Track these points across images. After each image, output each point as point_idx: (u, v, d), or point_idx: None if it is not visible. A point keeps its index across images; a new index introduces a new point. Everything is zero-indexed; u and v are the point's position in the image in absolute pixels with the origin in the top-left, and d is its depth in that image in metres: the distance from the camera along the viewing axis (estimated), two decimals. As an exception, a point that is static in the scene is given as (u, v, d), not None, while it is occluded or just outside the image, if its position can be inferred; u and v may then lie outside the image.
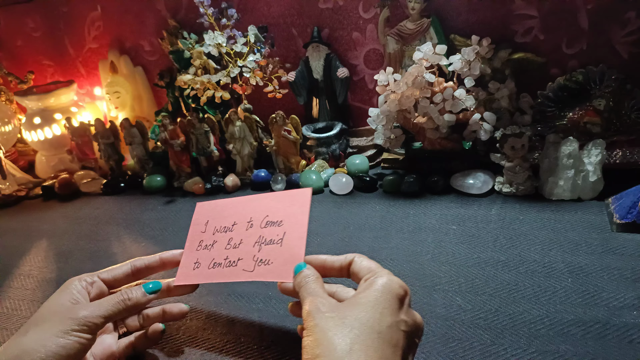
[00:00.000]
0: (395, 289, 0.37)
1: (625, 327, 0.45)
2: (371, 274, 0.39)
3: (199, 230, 0.52)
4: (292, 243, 0.45)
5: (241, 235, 0.49)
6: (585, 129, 0.72)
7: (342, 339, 0.33)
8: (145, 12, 1.03)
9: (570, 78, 0.71)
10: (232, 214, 0.51)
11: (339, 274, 0.43)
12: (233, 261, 0.48)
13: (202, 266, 0.49)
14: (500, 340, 0.45)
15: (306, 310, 0.37)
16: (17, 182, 1.01)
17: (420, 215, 0.70)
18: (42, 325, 0.40)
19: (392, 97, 0.77)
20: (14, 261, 0.74)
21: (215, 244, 0.50)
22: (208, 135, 0.90)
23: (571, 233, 0.60)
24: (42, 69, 1.21)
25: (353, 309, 0.35)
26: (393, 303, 0.36)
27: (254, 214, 0.50)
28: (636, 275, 0.51)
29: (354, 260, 0.42)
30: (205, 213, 0.54)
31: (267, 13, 0.94)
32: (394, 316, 0.35)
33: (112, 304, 0.43)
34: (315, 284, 0.40)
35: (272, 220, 0.48)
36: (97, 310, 0.42)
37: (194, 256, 0.51)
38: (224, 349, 0.49)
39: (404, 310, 0.36)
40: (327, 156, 0.88)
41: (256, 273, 0.46)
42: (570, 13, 0.75)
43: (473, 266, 0.57)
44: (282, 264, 0.44)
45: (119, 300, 0.44)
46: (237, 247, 0.48)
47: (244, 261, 0.47)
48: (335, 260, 0.43)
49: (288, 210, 0.48)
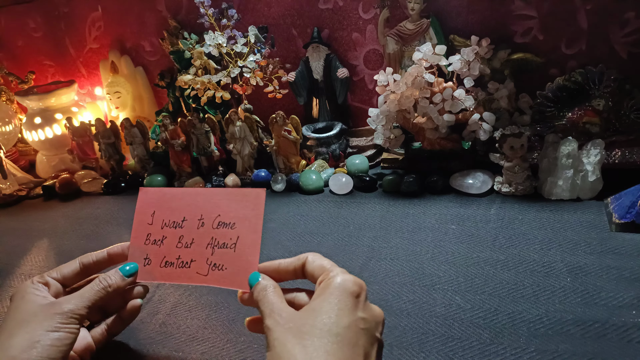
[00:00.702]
0: (349, 288, 0.36)
1: (624, 326, 0.45)
2: (325, 275, 0.39)
3: (145, 222, 0.49)
4: (246, 250, 0.45)
5: (192, 234, 0.48)
6: (584, 129, 0.73)
7: (301, 350, 0.33)
8: (146, 12, 1.04)
9: (570, 78, 0.72)
10: (181, 207, 0.49)
11: (295, 276, 0.43)
12: (186, 262, 0.47)
13: (153, 263, 0.48)
14: (499, 339, 0.45)
15: (266, 326, 0.37)
16: (18, 182, 1.01)
17: (419, 215, 0.70)
18: (27, 327, 0.40)
19: (391, 97, 0.77)
20: (15, 261, 0.74)
21: (165, 239, 0.48)
22: (208, 135, 0.90)
23: (570, 233, 0.61)
24: (42, 69, 1.21)
25: (309, 316, 0.35)
26: (348, 302, 0.36)
27: (204, 211, 0.48)
28: (635, 275, 0.51)
29: (307, 261, 0.41)
30: (151, 202, 0.50)
31: (267, 13, 0.94)
32: (350, 316, 0.35)
33: (94, 292, 0.44)
34: (274, 295, 0.39)
35: (225, 221, 0.47)
36: (80, 301, 0.42)
37: (143, 251, 0.48)
38: (224, 348, 0.49)
39: (360, 307, 0.36)
40: (327, 156, 0.88)
41: (210, 278, 0.45)
42: (570, 13, 0.75)
43: (472, 265, 0.57)
44: (236, 272, 0.44)
45: (100, 288, 0.44)
46: (189, 247, 0.47)
47: (197, 263, 0.46)
48: (289, 263, 0.42)
49: (241, 212, 0.46)
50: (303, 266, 0.41)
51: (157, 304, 0.58)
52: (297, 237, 0.69)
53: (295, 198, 0.82)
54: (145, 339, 0.52)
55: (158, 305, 0.58)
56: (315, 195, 0.82)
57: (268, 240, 0.69)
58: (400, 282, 0.56)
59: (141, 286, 0.50)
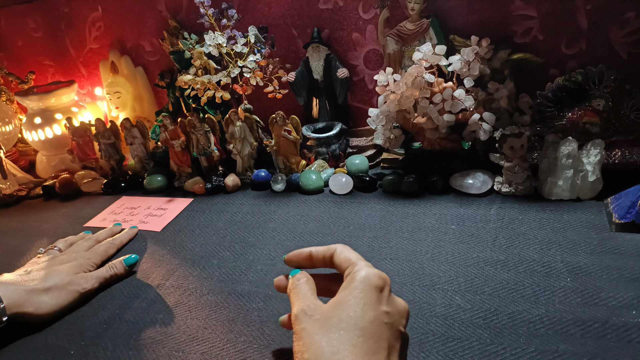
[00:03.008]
0: (373, 282, 0.38)
1: (624, 326, 0.45)
2: (350, 268, 0.40)
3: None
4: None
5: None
6: (584, 129, 0.73)
7: (328, 342, 0.34)
8: (146, 12, 1.04)
9: (570, 78, 0.72)
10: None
11: (324, 265, 0.44)
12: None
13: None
14: (499, 339, 0.45)
15: (294, 314, 0.39)
16: (17, 182, 1.01)
17: (419, 215, 0.70)
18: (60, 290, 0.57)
19: (391, 97, 0.77)
20: (15, 261, 0.74)
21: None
22: (208, 135, 0.90)
23: (570, 233, 0.61)
24: (43, 69, 1.21)
25: (336, 309, 0.37)
26: (373, 296, 0.37)
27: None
28: (635, 275, 0.51)
29: (335, 252, 0.43)
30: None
31: (267, 13, 0.94)
32: (375, 310, 0.36)
33: (105, 278, 0.62)
34: (305, 286, 0.42)
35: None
36: (95, 282, 0.61)
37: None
38: (224, 349, 0.49)
39: (384, 301, 0.37)
40: (327, 156, 0.88)
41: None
42: (570, 13, 0.75)
43: (472, 266, 0.57)
44: None
45: (109, 275, 0.62)
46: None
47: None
48: (319, 252, 0.44)
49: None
50: (331, 257, 0.43)
51: (157, 304, 0.58)
52: (297, 237, 0.69)
53: (295, 198, 0.82)
54: (145, 339, 0.52)
55: (158, 305, 0.58)
56: (315, 195, 0.82)
57: (268, 240, 0.69)
58: (400, 282, 0.56)
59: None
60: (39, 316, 0.54)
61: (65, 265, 0.60)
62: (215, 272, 0.63)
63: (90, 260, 0.64)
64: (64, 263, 0.61)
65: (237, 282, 0.60)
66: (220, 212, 0.81)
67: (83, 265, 0.62)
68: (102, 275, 0.62)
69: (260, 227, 0.74)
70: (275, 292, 0.57)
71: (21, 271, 0.59)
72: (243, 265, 0.64)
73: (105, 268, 0.63)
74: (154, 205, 0.87)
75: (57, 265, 0.61)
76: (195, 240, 0.73)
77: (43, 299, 0.55)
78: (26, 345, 0.54)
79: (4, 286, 0.53)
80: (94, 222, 0.84)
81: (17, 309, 0.52)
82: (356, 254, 0.42)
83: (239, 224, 0.75)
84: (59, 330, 0.55)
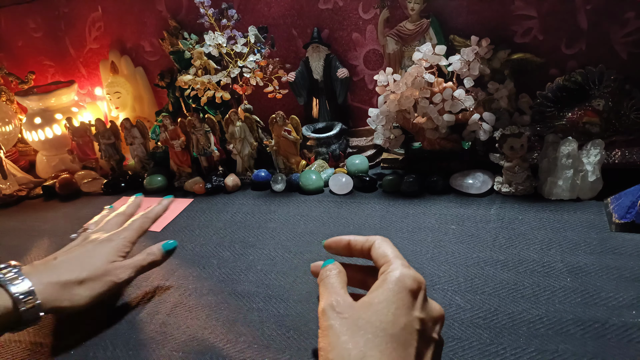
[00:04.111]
0: (408, 284, 0.36)
1: (624, 326, 0.45)
2: (386, 266, 0.38)
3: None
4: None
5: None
6: (584, 129, 0.73)
7: (355, 345, 0.33)
8: (146, 12, 1.04)
9: (570, 78, 0.72)
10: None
11: (362, 256, 0.43)
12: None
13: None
14: (499, 339, 0.45)
15: (321, 308, 0.37)
16: (17, 182, 1.01)
17: (419, 215, 0.70)
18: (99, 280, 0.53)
19: (391, 97, 0.77)
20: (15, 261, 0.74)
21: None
22: (208, 135, 0.90)
23: (570, 233, 0.61)
24: (43, 69, 1.21)
25: (366, 310, 0.35)
26: (406, 300, 0.35)
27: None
28: (635, 275, 0.51)
29: (374, 246, 0.41)
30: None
31: (267, 14, 0.94)
32: (407, 315, 0.34)
33: (142, 266, 0.57)
34: (336, 279, 0.40)
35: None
36: (132, 272, 0.55)
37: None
38: (224, 349, 0.49)
39: (417, 305, 0.35)
40: (327, 156, 0.88)
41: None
42: (570, 13, 0.75)
43: (472, 266, 0.57)
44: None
45: (146, 263, 0.57)
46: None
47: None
48: (357, 241, 0.43)
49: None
50: (369, 250, 0.42)
51: (157, 304, 0.58)
52: (297, 237, 0.69)
53: (295, 198, 0.82)
54: (145, 339, 0.52)
55: (158, 305, 0.58)
56: (315, 195, 0.82)
57: (268, 240, 0.69)
58: (400, 282, 0.56)
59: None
60: (74, 308, 0.51)
61: (100, 250, 0.55)
62: (215, 272, 0.63)
63: (125, 240, 0.57)
64: (97, 246, 0.56)
65: (237, 282, 0.60)
66: (220, 212, 0.81)
67: (119, 247, 0.56)
68: (138, 263, 0.56)
69: (260, 227, 0.74)
70: (275, 292, 0.57)
71: (52, 259, 0.54)
72: (243, 266, 0.64)
73: (143, 255, 0.57)
74: (154, 205, 0.87)
75: (91, 250, 0.55)
76: (195, 241, 0.73)
77: (78, 291, 0.51)
78: (26, 345, 0.54)
79: (37, 279, 0.49)
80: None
81: (52, 304, 0.49)
82: (394, 249, 0.40)
83: (239, 224, 0.75)
84: (59, 330, 0.55)
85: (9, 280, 0.47)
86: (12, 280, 0.47)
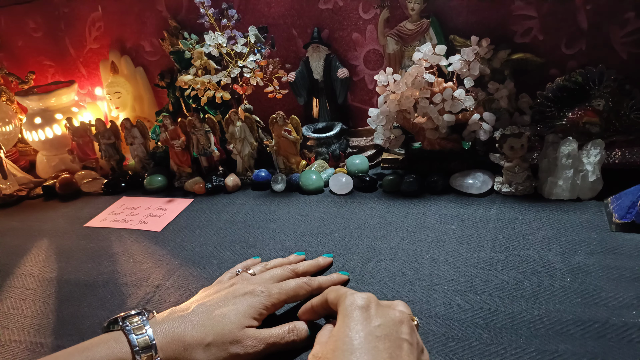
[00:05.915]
0: (358, 304, 0.40)
1: (624, 326, 0.45)
2: (338, 303, 0.42)
3: None
4: None
5: None
6: (584, 129, 0.73)
7: None
8: (146, 12, 1.04)
9: (570, 78, 0.72)
10: None
11: (327, 311, 0.46)
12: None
13: None
14: (499, 339, 0.45)
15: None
16: (18, 182, 1.01)
17: (419, 215, 0.70)
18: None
19: (391, 97, 0.77)
20: (15, 261, 0.74)
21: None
22: (208, 135, 0.90)
23: (570, 233, 0.61)
24: (43, 69, 1.21)
25: (335, 342, 0.39)
26: (360, 317, 0.39)
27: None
28: (635, 275, 0.51)
29: (328, 298, 0.45)
30: None
31: (267, 14, 0.94)
32: (365, 328, 0.38)
33: (279, 344, 0.47)
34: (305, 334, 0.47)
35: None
36: (265, 348, 0.46)
37: None
38: (224, 348, 0.49)
39: (372, 317, 0.39)
40: (327, 156, 0.88)
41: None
42: (570, 13, 0.75)
43: (472, 266, 0.57)
44: None
45: (284, 341, 0.47)
46: None
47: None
48: (316, 301, 0.47)
49: None
50: (327, 302, 0.45)
51: (157, 304, 0.58)
52: (297, 237, 0.69)
53: (295, 198, 0.82)
54: (145, 339, 0.52)
55: (158, 306, 0.58)
56: (315, 195, 0.82)
57: (268, 240, 0.69)
58: (400, 282, 0.56)
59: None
60: None
61: (237, 307, 0.48)
62: (215, 272, 0.63)
63: (270, 298, 0.49)
64: (238, 298, 0.49)
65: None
66: (220, 212, 0.81)
67: (258, 306, 0.48)
68: (274, 340, 0.47)
69: (260, 227, 0.74)
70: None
71: (186, 309, 0.48)
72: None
73: (283, 330, 0.48)
74: (154, 205, 0.87)
75: (229, 304, 0.48)
76: (195, 241, 0.73)
77: (197, 355, 0.45)
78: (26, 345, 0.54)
79: (163, 332, 0.45)
80: (94, 222, 0.84)
81: None
82: (343, 288, 0.45)
83: (239, 224, 0.75)
84: (59, 330, 0.55)
85: (133, 329, 0.45)
86: (136, 330, 0.45)
